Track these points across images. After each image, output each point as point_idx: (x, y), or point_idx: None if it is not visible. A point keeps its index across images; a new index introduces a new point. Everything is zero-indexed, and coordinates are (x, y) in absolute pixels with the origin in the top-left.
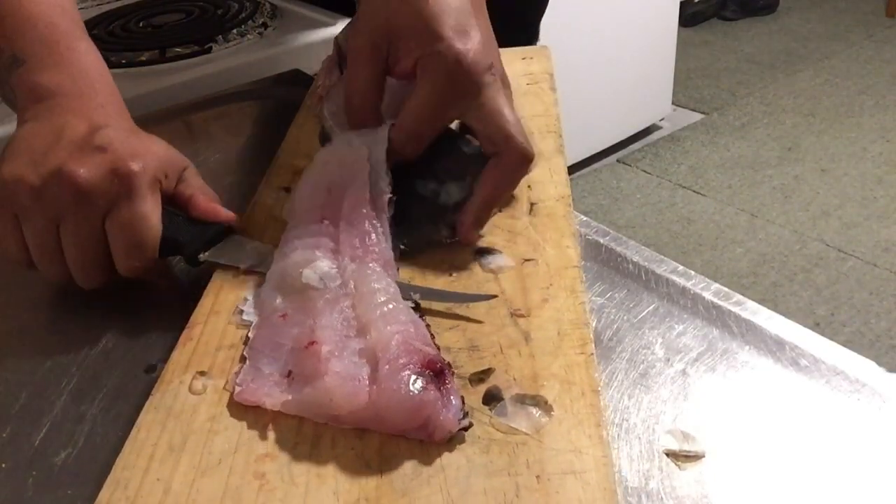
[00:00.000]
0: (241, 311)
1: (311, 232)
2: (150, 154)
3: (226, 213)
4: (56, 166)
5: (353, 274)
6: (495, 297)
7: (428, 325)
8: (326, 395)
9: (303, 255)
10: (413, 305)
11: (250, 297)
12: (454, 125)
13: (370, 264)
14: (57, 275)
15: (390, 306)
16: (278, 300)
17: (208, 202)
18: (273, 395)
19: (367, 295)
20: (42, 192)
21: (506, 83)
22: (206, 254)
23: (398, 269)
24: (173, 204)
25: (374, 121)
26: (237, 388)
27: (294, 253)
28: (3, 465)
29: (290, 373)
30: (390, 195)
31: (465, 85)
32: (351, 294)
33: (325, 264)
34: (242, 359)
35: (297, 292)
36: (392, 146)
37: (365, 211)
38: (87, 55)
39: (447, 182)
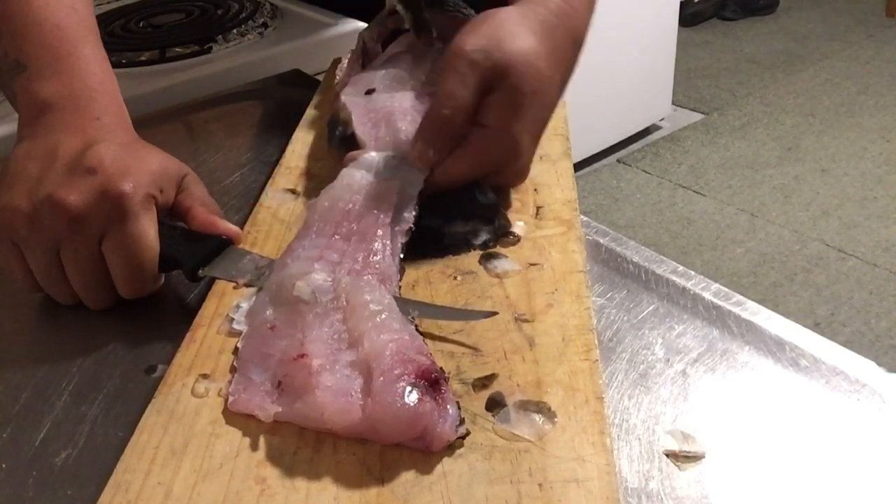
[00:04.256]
0: (232, 319)
1: (317, 244)
2: (142, 170)
3: (224, 226)
4: (47, 193)
5: (347, 287)
6: (496, 314)
7: (422, 334)
8: (318, 411)
9: (300, 267)
10: (410, 320)
11: (243, 305)
12: None
13: (365, 277)
14: (65, 298)
15: (383, 316)
16: (269, 311)
17: (207, 215)
18: (265, 408)
19: (359, 307)
20: (36, 221)
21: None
22: (205, 269)
23: (401, 281)
24: (174, 214)
25: (451, 140)
26: (230, 399)
27: (294, 263)
28: (3, 466)
29: (279, 383)
30: (412, 226)
31: (510, 160)
32: (342, 307)
33: (320, 277)
34: (233, 368)
35: (287, 304)
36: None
37: (381, 232)
38: (90, 61)
39: (454, 221)
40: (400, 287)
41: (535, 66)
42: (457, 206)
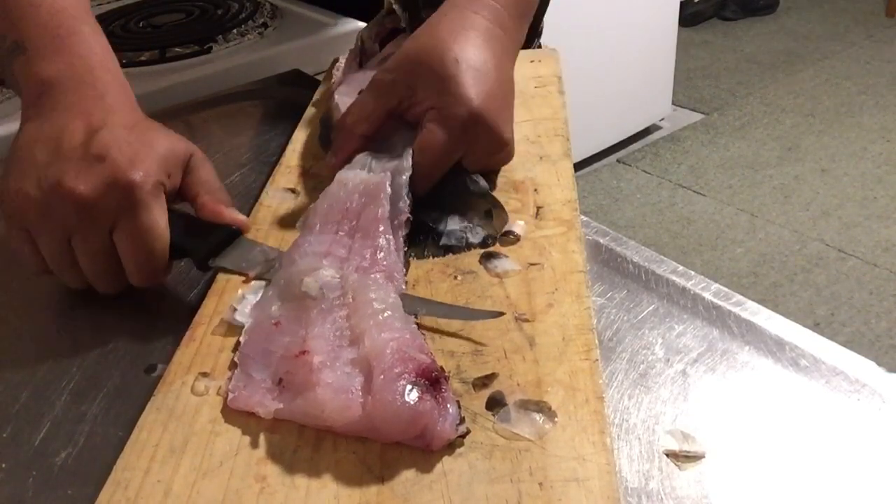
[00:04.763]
0: (235, 310)
1: (323, 241)
2: (150, 156)
3: (230, 216)
4: (56, 181)
5: (354, 284)
6: (502, 314)
7: (423, 333)
8: (318, 408)
9: (309, 263)
10: (414, 319)
11: (248, 296)
12: None
13: (373, 275)
14: (76, 282)
15: (386, 314)
16: (274, 307)
17: (214, 204)
18: (265, 405)
19: (363, 304)
20: (46, 209)
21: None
22: (215, 259)
23: (406, 275)
24: (182, 197)
25: (352, 146)
26: (230, 395)
27: (303, 259)
28: (3, 465)
29: (280, 380)
30: (408, 215)
31: (471, 129)
32: (348, 304)
33: (328, 273)
34: (233, 364)
35: (295, 300)
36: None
37: (382, 227)
38: (89, 40)
39: (450, 214)
40: (406, 282)
41: (441, 44)
42: (450, 197)
